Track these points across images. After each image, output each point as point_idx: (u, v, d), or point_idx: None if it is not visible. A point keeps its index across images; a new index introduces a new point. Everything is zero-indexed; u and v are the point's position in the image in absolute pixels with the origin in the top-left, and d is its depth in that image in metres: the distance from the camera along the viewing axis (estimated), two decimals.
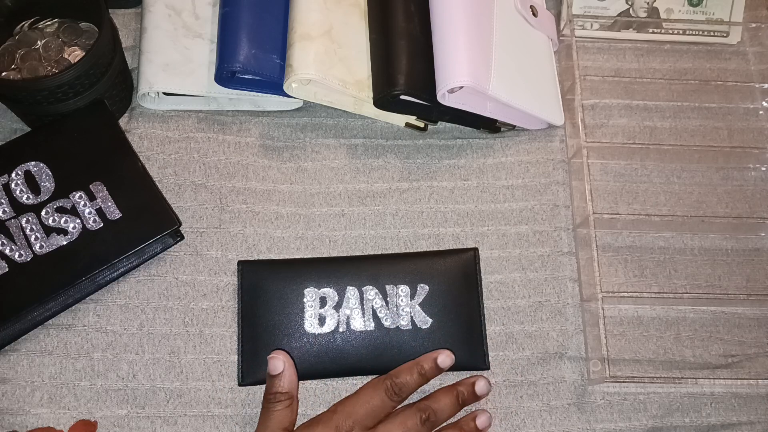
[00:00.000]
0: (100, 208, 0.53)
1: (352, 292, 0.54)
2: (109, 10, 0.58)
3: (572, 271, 0.57)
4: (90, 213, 0.53)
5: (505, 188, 0.59)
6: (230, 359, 0.53)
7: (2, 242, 0.51)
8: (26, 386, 0.51)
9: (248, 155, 0.59)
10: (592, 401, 0.53)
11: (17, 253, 0.51)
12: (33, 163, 0.54)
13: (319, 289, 0.53)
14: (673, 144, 0.62)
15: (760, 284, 0.58)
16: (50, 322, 0.53)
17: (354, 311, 0.53)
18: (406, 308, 0.53)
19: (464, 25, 0.54)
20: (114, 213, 0.53)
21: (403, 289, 0.54)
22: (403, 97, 0.55)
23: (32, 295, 0.50)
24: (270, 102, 0.60)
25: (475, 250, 0.56)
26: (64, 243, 0.52)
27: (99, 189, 0.53)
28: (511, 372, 0.54)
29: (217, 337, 0.53)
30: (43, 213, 0.52)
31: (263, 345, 0.52)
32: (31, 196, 0.53)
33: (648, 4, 0.66)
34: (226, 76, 0.57)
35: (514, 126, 0.61)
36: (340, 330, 0.53)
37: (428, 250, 0.57)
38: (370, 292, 0.54)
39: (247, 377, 0.52)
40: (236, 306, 0.54)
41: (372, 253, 0.57)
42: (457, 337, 0.53)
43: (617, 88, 0.64)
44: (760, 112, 0.64)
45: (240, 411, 0.52)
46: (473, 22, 0.55)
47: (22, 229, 0.52)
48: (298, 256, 0.56)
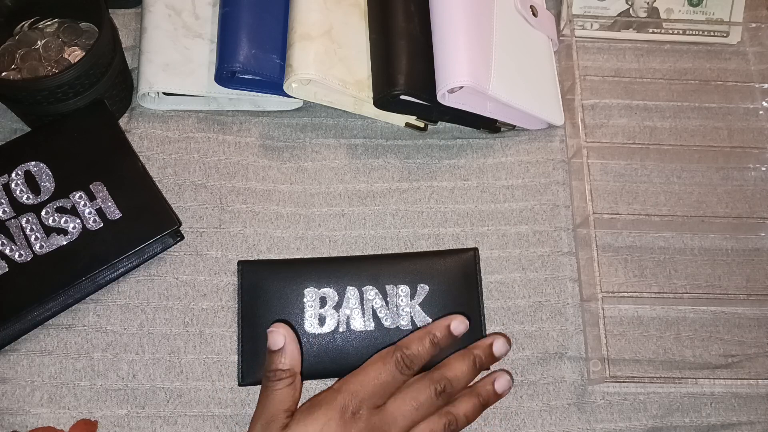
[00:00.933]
0: (100, 208, 0.53)
1: (352, 292, 0.53)
2: (109, 10, 0.58)
3: (572, 271, 0.57)
4: (90, 213, 0.53)
5: (505, 188, 0.59)
6: (230, 359, 0.53)
7: (2, 242, 0.51)
8: (26, 386, 0.51)
9: (248, 155, 0.59)
10: (592, 401, 0.53)
11: (17, 253, 0.51)
12: (33, 163, 0.54)
13: (319, 289, 0.53)
14: (673, 144, 0.62)
15: (760, 284, 0.58)
16: (50, 322, 0.53)
17: (354, 311, 0.53)
18: (406, 308, 0.53)
19: (464, 25, 0.54)
20: (114, 213, 0.53)
21: (403, 289, 0.54)
22: (403, 97, 0.55)
23: (32, 295, 0.50)
24: (270, 102, 0.60)
25: (475, 250, 0.56)
26: (64, 243, 0.52)
27: (99, 189, 0.53)
28: (511, 372, 0.53)
29: (217, 337, 0.53)
30: (43, 213, 0.52)
31: (263, 345, 0.52)
32: (31, 196, 0.53)
33: (648, 4, 0.66)
34: (226, 76, 0.57)
35: (514, 126, 0.61)
36: (340, 330, 0.53)
37: (428, 250, 0.57)
38: (370, 292, 0.54)
39: (247, 377, 0.52)
40: (236, 306, 0.54)
41: (372, 253, 0.57)
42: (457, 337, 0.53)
43: (617, 88, 0.64)
44: (760, 112, 0.64)
45: (240, 411, 0.52)
46: (473, 22, 0.55)
47: (22, 229, 0.52)
48: (298, 256, 0.56)
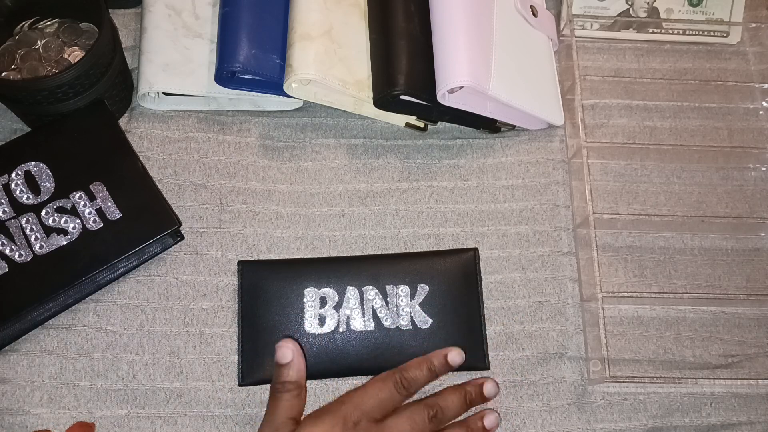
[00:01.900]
0: (100, 208, 0.53)
1: (352, 292, 0.53)
2: (109, 10, 0.58)
3: (572, 271, 0.57)
4: (90, 213, 0.53)
5: (505, 188, 0.59)
6: (230, 359, 0.53)
7: (2, 242, 0.51)
8: (26, 386, 0.51)
9: (248, 155, 0.59)
10: (592, 401, 0.53)
11: (17, 253, 0.51)
12: (33, 163, 0.54)
13: (319, 289, 0.53)
14: (673, 144, 0.62)
15: (760, 284, 0.58)
16: (50, 322, 0.53)
17: (354, 311, 0.53)
18: (406, 308, 0.53)
19: (464, 25, 0.54)
20: (114, 213, 0.53)
21: (403, 289, 0.54)
22: (403, 97, 0.55)
23: (32, 295, 0.50)
24: (270, 102, 0.60)
25: (475, 250, 0.56)
26: (64, 243, 0.52)
27: (99, 189, 0.53)
28: (511, 372, 0.54)
29: (217, 337, 0.53)
30: (43, 213, 0.52)
31: (263, 345, 0.52)
32: (31, 196, 0.53)
33: (648, 4, 0.66)
34: (226, 76, 0.57)
35: (514, 126, 0.61)
36: (340, 330, 0.53)
37: (428, 250, 0.57)
38: (370, 292, 0.54)
39: (247, 377, 0.52)
40: (236, 306, 0.54)
41: (372, 253, 0.56)
42: (457, 337, 0.53)
43: (617, 88, 0.64)
44: (760, 112, 0.64)
45: (240, 411, 0.52)
46: (473, 22, 0.55)
47: (22, 229, 0.52)
48: (298, 256, 0.56)
